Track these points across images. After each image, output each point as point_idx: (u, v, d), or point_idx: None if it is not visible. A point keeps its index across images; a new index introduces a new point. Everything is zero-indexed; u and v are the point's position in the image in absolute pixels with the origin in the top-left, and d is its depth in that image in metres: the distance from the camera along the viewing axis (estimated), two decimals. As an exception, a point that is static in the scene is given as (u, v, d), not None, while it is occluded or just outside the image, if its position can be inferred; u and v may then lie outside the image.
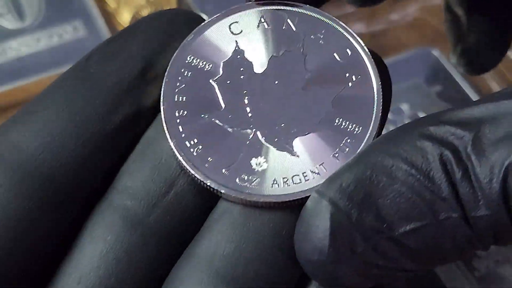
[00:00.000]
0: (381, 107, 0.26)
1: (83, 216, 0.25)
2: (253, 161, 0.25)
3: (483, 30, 0.38)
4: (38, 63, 0.51)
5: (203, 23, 0.27)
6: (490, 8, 0.38)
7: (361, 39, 0.27)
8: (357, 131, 0.25)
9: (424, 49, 0.53)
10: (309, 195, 0.24)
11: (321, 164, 0.25)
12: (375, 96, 0.26)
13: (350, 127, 0.26)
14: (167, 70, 0.26)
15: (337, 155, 0.25)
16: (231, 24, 0.27)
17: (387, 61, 0.28)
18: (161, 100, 0.26)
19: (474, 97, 0.52)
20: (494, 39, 0.39)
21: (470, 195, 0.23)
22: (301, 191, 0.25)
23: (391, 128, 0.28)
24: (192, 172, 0.25)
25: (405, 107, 0.51)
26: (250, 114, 0.26)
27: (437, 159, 0.23)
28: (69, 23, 0.53)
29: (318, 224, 0.23)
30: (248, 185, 0.25)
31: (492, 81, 0.53)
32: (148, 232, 0.25)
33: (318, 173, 0.25)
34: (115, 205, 0.25)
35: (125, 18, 0.54)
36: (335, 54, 0.26)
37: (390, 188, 0.23)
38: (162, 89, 0.26)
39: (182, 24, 0.27)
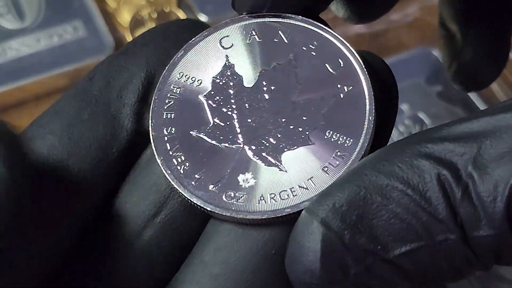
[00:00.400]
0: (373, 118, 0.25)
1: (81, 241, 0.25)
2: (240, 177, 0.25)
3: (478, 46, 0.38)
4: (38, 63, 0.51)
5: (193, 38, 0.26)
6: (485, 24, 0.37)
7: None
8: (347, 144, 0.25)
9: (424, 49, 0.53)
10: (298, 211, 0.24)
11: (310, 178, 0.24)
12: (367, 106, 0.25)
13: (340, 139, 0.25)
14: (156, 87, 0.26)
15: (326, 169, 0.25)
16: (222, 38, 0.27)
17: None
18: (150, 118, 0.26)
19: (474, 97, 0.52)
20: (490, 55, 0.38)
21: (471, 215, 0.22)
22: (288, 207, 0.24)
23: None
24: (179, 189, 0.25)
25: (405, 107, 0.51)
26: (238, 130, 0.25)
27: (434, 178, 0.22)
28: (69, 23, 0.53)
29: (309, 245, 0.23)
30: (235, 202, 0.24)
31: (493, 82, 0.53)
32: (138, 254, 0.24)
33: (306, 188, 0.24)
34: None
35: (125, 18, 0.54)
36: (327, 65, 0.26)
37: (384, 208, 0.22)
38: (151, 106, 0.26)
39: (188, 35, 0.27)
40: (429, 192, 0.22)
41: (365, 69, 0.25)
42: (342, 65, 0.26)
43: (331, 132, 0.25)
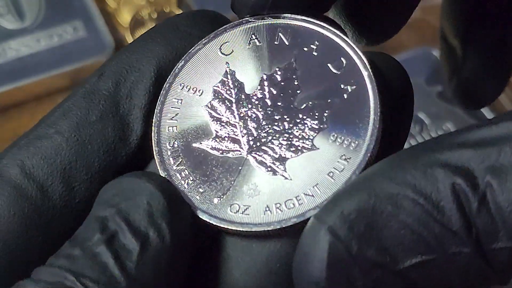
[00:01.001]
0: (378, 118, 0.24)
1: None
2: (245, 188, 0.24)
3: (479, 62, 0.36)
4: (38, 63, 0.51)
5: (193, 48, 0.26)
6: (487, 40, 0.36)
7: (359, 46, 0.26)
8: (353, 146, 0.24)
9: (424, 49, 0.54)
10: (304, 219, 0.23)
11: (315, 185, 0.24)
12: (371, 105, 0.24)
13: (346, 142, 0.24)
14: (158, 100, 0.25)
15: (331, 174, 0.24)
16: (221, 45, 0.26)
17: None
18: (152, 132, 0.25)
19: None
20: (491, 72, 0.37)
21: (488, 226, 0.21)
22: (294, 216, 0.24)
23: None
24: None
25: None
26: (241, 139, 0.25)
27: (448, 188, 0.21)
28: (69, 23, 0.53)
29: (315, 254, 0.22)
30: (240, 215, 0.24)
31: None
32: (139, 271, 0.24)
33: (312, 195, 0.24)
34: None
35: (125, 18, 0.54)
36: (329, 65, 0.25)
37: (394, 218, 0.21)
38: (153, 120, 0.25)
39: (198, 30, 0.26)
40: (442, 202, 0.21)
41: (368, 67, 0.25)
42: (344, 64, 0.25)
43: (335, 135, 0.24)
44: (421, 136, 0.50)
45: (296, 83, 0.25)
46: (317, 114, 0.25)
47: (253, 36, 0.26)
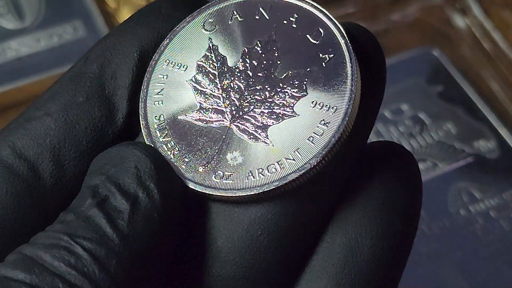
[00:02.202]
0: (356, 83, 0.25)
1: None
2: (229, 156, 0.25)
3: None
4: (38, 63, 0.51)
5: (177, 26, 0.27)
6: None
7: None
8: (332, 111, 0.25)
9: (424, 49, 0.54)
10: (285, 182, 0.24)
11: (296, 150, 0.25)
12: (349, 71, 0.25)
13: (325, 108, 0.25)
14: (145, 77, 0.26)
15: (311, 138, 0.25)
16: (204, 22, 0.27)
17: (387, 61, 0.27)
18: (139, 107, 0.26)
19: (474, 97, 0.52)
20: None
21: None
22: (276, 180, 0.24)
23: (391, 127, 0.27)
24: None
25: (405, 107, 0.51)
26: (224, 109, 0.26)
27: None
28: (69, 23, 0.53)
29: None
30: (224, 181, 0.25)
31: (492, 81, 0.53)
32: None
33: (293, 159, 0.24)
34: None
35: (125, 18, 0.51)
36: (308, 36, 0.26)
37: None
38: (140, 96, 0.26)
39: (180, 13, 0.27)
40: None
41: (345, 35, 0.25)
42: (322, 35, 0.26)
43: (315, 101, 0.25)
44: (421, 136, 0.50)
45: (276, 54, 0.26)
46: (297, 82, 0.25)
47: (234, 12, 0.27)
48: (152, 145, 0.25)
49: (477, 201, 0.48)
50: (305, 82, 0.25)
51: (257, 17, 0.26)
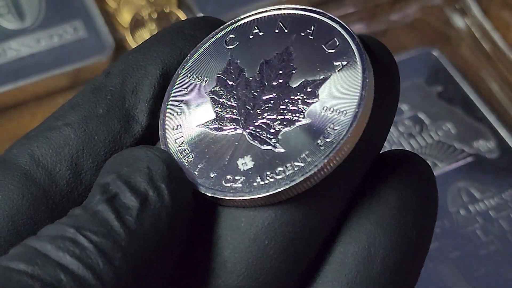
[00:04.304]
0: (367, 89, 0.25)
1: None
2: (240, 161, 0.25)
3: None
4: (38, 63, 0.51)
5: (201, 42, 0.27)
6: None
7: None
8: (341, 117, 0.25)
9: (424, 49, 0.54)
10: (293, 185, 0.24)
11: (304, 154, 0.25)
12: (360, 77, 0.25)
13: (335, 113, 0.25)
14: (167, 90, 0.27)
15: (320, 142, 0.25)
16: (226, 38, 0.27)
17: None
18: (159, 118, 0.26)
19: (473, 97, 0.52)
20: None
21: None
22: (283, 182, 0.24)
23: (391, 127, 0.27)
24: None
25: (405, 107, 0.51)
26: (238, 118, 0.26)
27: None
28: (69, 23, 0.53)
29: None
30: (233, 185, 0.25)
31: (492, 82, 0.53)
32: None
33: (301, 163, 0.25)
34: None
35: (125, 18, 0.54)
36: (323, 46, 0.26)
37: None
38: (162, 107, 0.27)
39: (202, 34, 0.27)
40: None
41: (359, 43, 0.26)
42: (338, 44, 0.26)
43: (326, 107, 0.25)
44: (421, 136, 0.50)
45: (291, 64, 0.26)
46: (309, 89, 0.26)
47: (255, 27, 0.27)
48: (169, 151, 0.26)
49: (477, 201, 0.48)
50: (317, 89, 0.26)
51: (276, 31, 0.27)
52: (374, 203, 0.25)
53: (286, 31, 0.27)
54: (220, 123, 0.26)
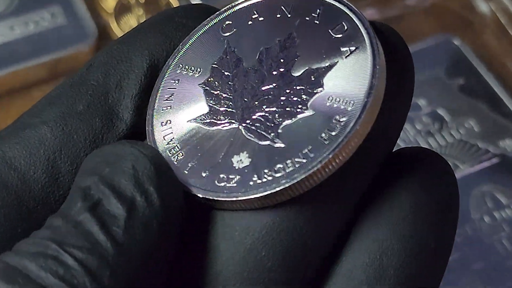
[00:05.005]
0: (377, 79, 0.24)
1: None
2: (235, 159, 0.24)
3: None
4: (12, 53, 0.50)
5: (195, 29, 0.27)
6: None
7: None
8: (349, 109, 0.24)
9: (443, 37, 0.53)
10: (293, 183, 0.23)
11: (307, 149, 0.24)
12: (370, 65, 0.24)
13: (342, 105, 0.24)
14: (156, 83, 0.26)
15: (324, 136, 0.24)
16: (223, 25, 0.27)
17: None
18: (147, 113, 0.26)
19: (499, 90, 0.51)
20: None
21: None
22: (282, 181, 0.23)
23: (407, 124, 0.25)
24: None
25: (422, 102, 0.50)
26: (234, 111, 0.25)
27: None
28: (47, 9, 0.52)
29: None
30: (227, 185, 0.24)
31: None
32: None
33: (303, 159, 0.24)
34: None
35: (109, 4, 0.54)
36: (330, 31, 0.25)
37: None
38: (149, 102, 0.26)
39: (194, 22, 0.27)
40: None
41: (370, 27, 0.25)
42: (346, 28, 0.25)
43: (332, 97, 0.24)
44: (441, 134, 0.49)
45: (294, 51, 0.26)
46: (313, 78, 0.25)
47: (254, 12, 0.27)
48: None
49: (502, 207, 0.47)
50: (322, 77, 0.25)
51: (278, 16, 0.26)
52: (386, 207, 0.25)
53: (289, 16, 0.26)
54: (214, 117, 0.25)
